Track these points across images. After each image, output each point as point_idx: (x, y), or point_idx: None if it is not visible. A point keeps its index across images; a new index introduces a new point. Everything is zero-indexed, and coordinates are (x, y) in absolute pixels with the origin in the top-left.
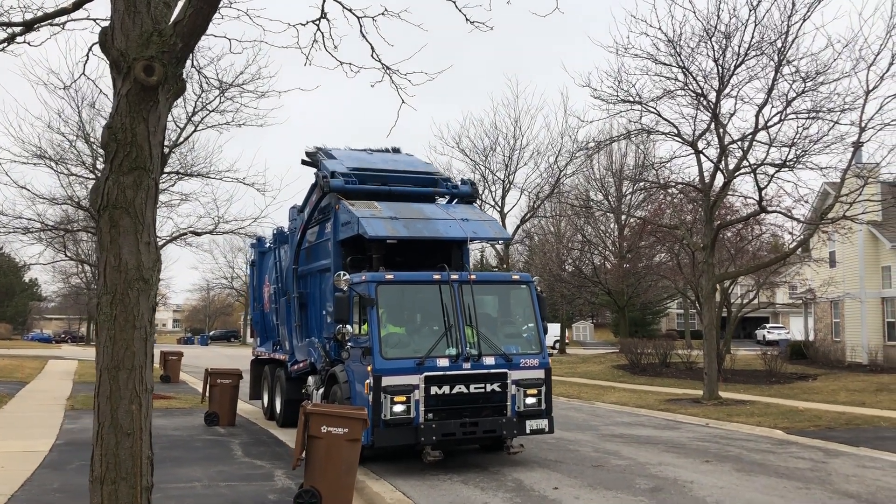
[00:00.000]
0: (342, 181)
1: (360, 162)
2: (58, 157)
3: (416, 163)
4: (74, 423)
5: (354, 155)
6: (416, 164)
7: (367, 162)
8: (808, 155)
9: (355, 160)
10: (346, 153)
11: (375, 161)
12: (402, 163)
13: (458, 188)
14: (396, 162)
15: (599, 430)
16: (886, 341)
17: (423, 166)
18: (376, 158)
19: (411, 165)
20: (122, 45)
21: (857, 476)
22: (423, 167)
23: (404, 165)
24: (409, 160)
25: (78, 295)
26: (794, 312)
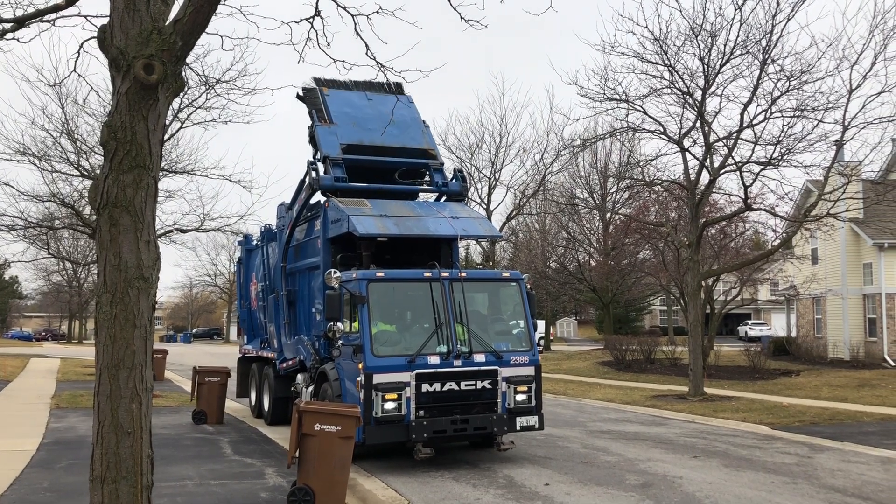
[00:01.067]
0: (332, 180)
1: (356, 125)
2: (41, 154)
3: (411, 131)
4: (60, 422)
5: (349, 108)
6: (412, 133)
7: (362, 123)
8: (793, 153)
9: (349, 122)
10: (341, 100)
11: (370, 119)
12: (398, 131)
13: (447, 185)
14: (392, 132)
15: (587, 426)
16: (868, 337)
17: (418, 137)
18: (372, 113)
19: (406, 137)
20: (121, 43)
21: (843, 470)
22: (417, 139)
23: (398, 138)
24: (405, 125)
25: (59, 293)
26: (776, 309)
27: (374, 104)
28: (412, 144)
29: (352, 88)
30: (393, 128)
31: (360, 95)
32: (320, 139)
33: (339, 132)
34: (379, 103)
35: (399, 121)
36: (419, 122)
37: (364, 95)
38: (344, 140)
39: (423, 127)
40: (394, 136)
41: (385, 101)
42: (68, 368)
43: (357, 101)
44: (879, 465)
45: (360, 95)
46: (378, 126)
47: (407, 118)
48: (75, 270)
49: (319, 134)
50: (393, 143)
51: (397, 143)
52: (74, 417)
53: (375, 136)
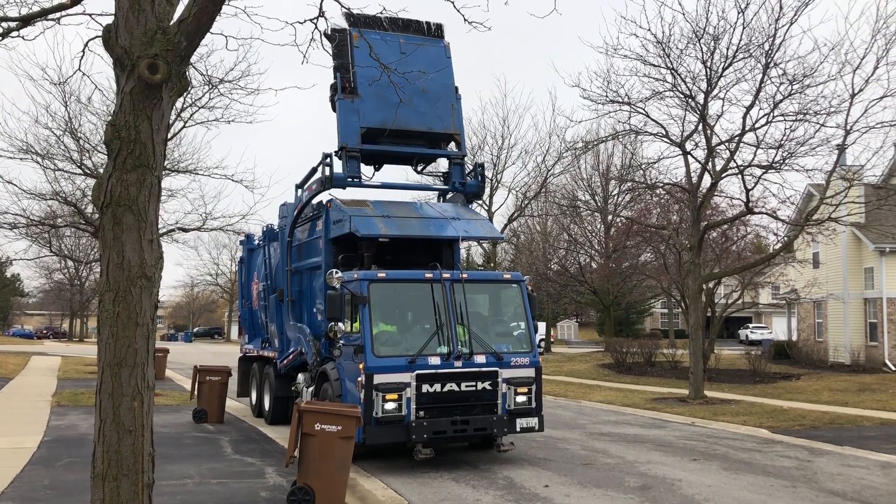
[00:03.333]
0: (345, 178)
1: (381, 97)
2: (44, 153)
3: (441, 105)
4: (61, 420)
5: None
6: (440, 109)
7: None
8: (795, 157)
9: (375, 94)
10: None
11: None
12: (427, 105)
13: (465, 185)
14: (420, 105)
15: (587, 428)
16: (868, 342)
17: (447, 116)
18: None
19: (433, 116)
20: (125, 42)
21: (842, 475)
22: (445, 119)
23: (425, 117)
24: (436, 95)
25: (60, 291)
26: (776, 313)
27: (406, 61)
28: (438, 128)
29: (386, 28)
30: (422, 99)
31: (394, 44)
32: (340, 119)
33: (361, 109)
34: (412, 59)
35: (430, 88)
36: (451, 92)
37: (397, 44)
38: (366, 122)
39: (454, 99)
40: (421, 112)
41: (419, 56)
42: (69, 366)
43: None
44: (879, 469)
45: (394, 44)
46: (406, 96)
47: (439, 85)
48: (77, 269)
49: (340, 110)
50: (418, 127)
51: (423, 125)
52: (75, 415)
53: (401, 114)
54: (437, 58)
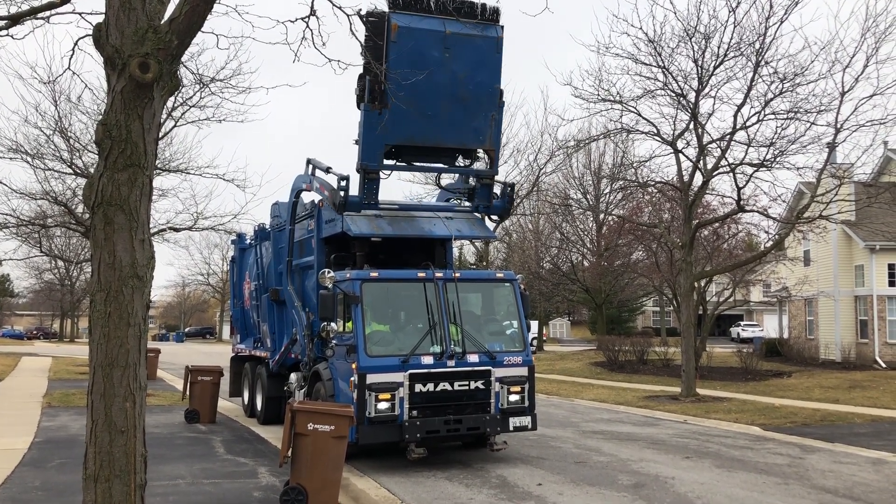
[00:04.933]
0: (359, 203)
1: (415, 106)
2: (34, 152)
3: (480, 115)
4: (52, 421)
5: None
6: (479, 120)
7: (424, 101)
8: (786, 155)
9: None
10: (409, 52)
11: (436, 93)
12: (464, 113)
13: (490, 207)
14: (457, 114)
15: (580, 426)
16: (859, 339)
17: (484, 128)
18: (443, 78)
19: (469, 128)
20: (116, 41)
21: (834, 471)
22: (482, 131)
23: (460, 130)
24: (477, 102)
25: (51, 291)
26: (768, 310)
27: (450, 60)
28: (473, 144)
29: (433, 13)
30: (459, 108)
31: (437, 39)
32: (363, 133)
33: (389, 125)
34: (457, 56)
35: (471, 94)
36: (494, 98)
37: (441, 37)
38: (391, 139)
39: (495, 107)
40: (455, 125)
41: (465, 51)
42: (60, 367)
43: (430, 51)
44: (870, 465)
45: (437, 39)
46: (443, 105)
47: (482, 90)
48: (67, 269)
49: (365, 122)
50: (449, 143)
51: (455, 140)
52: (66, 416)
53: (432, 127)
54: (485, 53)
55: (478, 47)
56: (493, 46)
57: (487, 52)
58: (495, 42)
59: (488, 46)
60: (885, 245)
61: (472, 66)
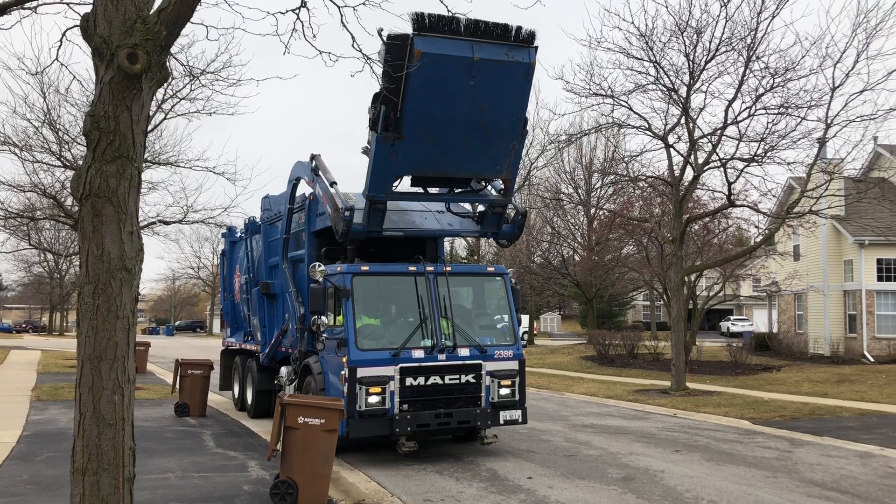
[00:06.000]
0: (365, 231)
1: (432, 139)
2: (22, 144)
3: (501, 145)
4: (41, 415)
5: (435, 102)
6: (499, 149)
7: (443, 134)
8: (776, 150)
9: (424, 136)
10: (431, 81)
11: (457, 124)
12: (482, 143)
13: (498, 233)
14: (475, 144)
15: (570, 420)
16: (847, 333)
17: (501, 157)
18: (465, 110)
19: (486, 158)
20: (104, 31)
21: (822, 465)
22: (500, 160)
23: (477, 160)
24: (499, 132)
25: (40, 284)
26: (757, 305)
27: (474, 88)
28: (489, 174)
29: (462, 35)
30: (478, 138)
31: (463, 65)
32: (374, 162)
33: (402, 152)
34: (482, 84)
35: (493, 124)
36: (517, 128)
37: (468, 63)
38: (403, 169)
39: (517, 137)
40: (472, 155)
41: (493, 78)
42: (49, 360)
43: (454, 78)
44: (858, 459)
45: (463, 65)
46: (462, 136)
47: (505, 119)
48: (56, 262)
49: (376, 152)
50: (464, 173)
51: (471, 171)
52: (55, 410)
53: (449, 157)
54: (514, 81)
55: (506, 74)
56: (523, 73)
57: (516, 80)
58: (527, 68)
59: (518, 73)
60: (874, 240)
61: (498, 94)
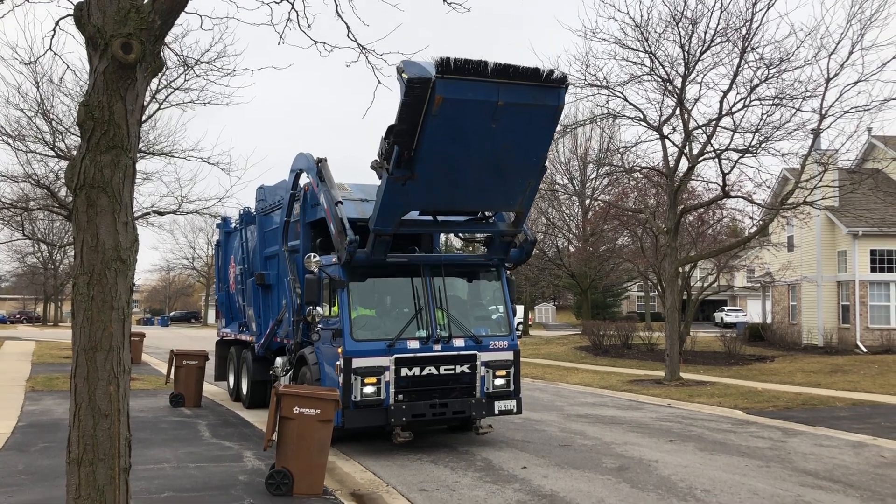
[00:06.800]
0: (367, 260)
1: (446, 178)
2: (16, 134)
3: (518, 181)
4: (36, 405)
5: (454, 144)
6: (514, 185)
7: (459, 174)
8: (771, 141)
9: (436, 176)
10: (450, 126)
11: (473, 165)
12: (497, 179)
13: (505, 258)
14: (488, 180)
15: (564, 410)
16: (841, 324)
17: (516, 191)
18: (485, 152)
19: (499, 191)
20: (98, 21)
21: (815, 454)
22: (513, 195)
23: (489, 194)
24: (517, 170)
25: (34, 275)
26: (751, 295)
27: (496, 131)
28: (501, 208)
29: (488, 77)
30: (494, 177)
31: (487, 110)
32: (383, 200)
33: (413, 193)
34: (505, 127)
35: (512, 163)
36: (536, 166)
37: (492, 108)
38: (412, 206)
39: (535, 175)
40: (488, 188)
41: (517, 121)
42: (43, 351)
43: (475, 121)
44: (850, 448)
45: (487, 110)
46: (479, 173)
47: (524, 159)
48: (51, 252)
49: (386, 189)
50: (475, 207)
51: (483, 205)
52: (50, 400)
53: (462, 194)
54: (539, 123)
55: (532, 117)
56: (550, 115)
57: (542, 122)
58: (554, 111)
59: (545, 115)
60: (868, 231)
61: (521, 135)
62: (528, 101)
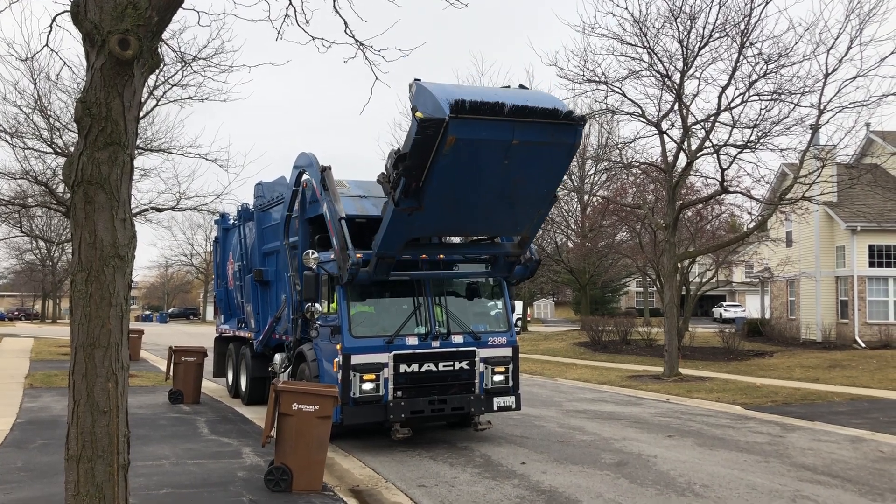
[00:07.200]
0: (368, 279)
1: (453, 210)
2: (13, 131)
3: (527, 210)
4: (34, 402)
5: (462, 179)
6: (523, 214)
7: (466, 204)
8: (769, 136)
9: (443, 207)
10: (461, 164)
11: (484, 195)
12: (505, 206)
13: (507, 276)
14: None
15: (563, 406)
16: (839, 319)
17: (526, 218)
18: (494, 189)
19: (507, 217)
20: (95, 17)
21: (813, 449)
22: (521, 222)
23: (495, 221)
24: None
25: (32, 272)
26: (750, 291)
27: (508, 167)
28: (507, 234)
29: (504, 116)
30: (503, 207)
31: (500, 148)
32: (388, 228)
33: (419, 222)
34: (518, 163)
35: (522, 197)
36: (547, 198)
37: (506, 146)
38: (417, 232)
39: (545, 205)
40: (496, 216)
41: (531, 158)
42: (42, 348)
43: (488, 158)
44: (849, 443)
45: (500, 148)
46: (488, 203)
47: (535, 193)
48: (49, 249)
49: (392, 219)
50: (482, 233)
51: (489, 231)
52: (49, 397)
53: (469, 222)
54: (554, 160)
55: (547, 153)
56: (565, 152)
57: (556, 158)
58: (570, 148)
59: (560, 152)
60: (866, 226)
61: (534, 171)
62: (545, 139)
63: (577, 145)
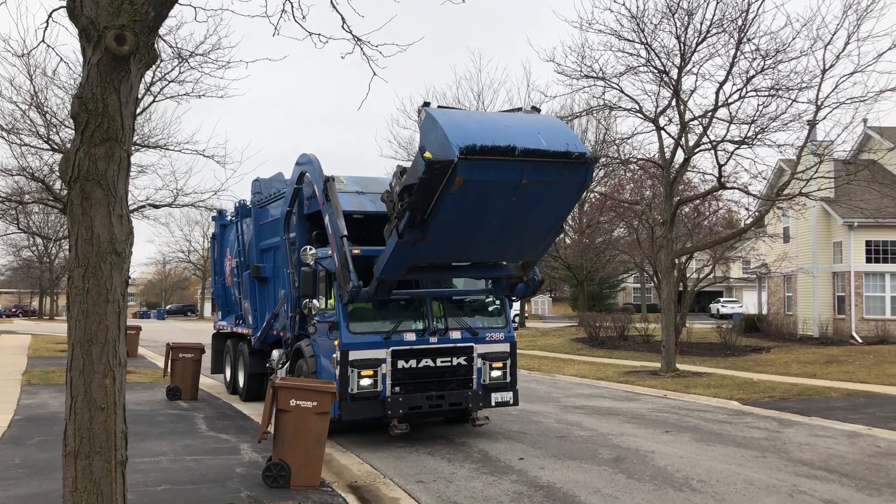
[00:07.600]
0: (369, 298)
1: (458, 241)
2: (9, 127)
3: (534, 237)
4: (32, 399)
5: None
6: (531, 240)
7: (469, 232)
8: (766, 132)
9: (448, 236)
10: (473, 199)
11: (491, 219)
12: (512, 233)
13: (511, 293)
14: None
15: (561, 401)
16: (836, 315)
17: (536, 239)
18: (501, 213)
19: (516, 243)
20: (91, 12)
21: (810, 444)
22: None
23: (502, 246)
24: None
25: (29, 268)
26: (747, 287)
27: (517, 203)
28: (512, 260)
29: (515, 157)
30: (510, 236)
31: (509, 187)
32: (391, 256)
33: (422, 252)
34: (527, 200)
35: (530, 229)
36: (554, 229)
37: (515, 185)
38: (421, 262)
39: (551, 236)
40: (502, 244)
41: (541, 195)
42: (39, 345)
43: (496, 196)
44: (845, 438)
45: (509, 187)
46: (494, 233)
47: (543, 224)
48: (46, 246)
49: (395, 249)
50: (485, 259)
51: (494, 258)
52: (46, 394)
53: (474, 251)
54: (563, 196)
55: (556, 190)
56: (575, 189)
57: (566, 196)
58: (581, 185)
59: (570, 190)
60: (863, 222)
61: (542, 206)
62: (555, 177)
63: (587, 183)
